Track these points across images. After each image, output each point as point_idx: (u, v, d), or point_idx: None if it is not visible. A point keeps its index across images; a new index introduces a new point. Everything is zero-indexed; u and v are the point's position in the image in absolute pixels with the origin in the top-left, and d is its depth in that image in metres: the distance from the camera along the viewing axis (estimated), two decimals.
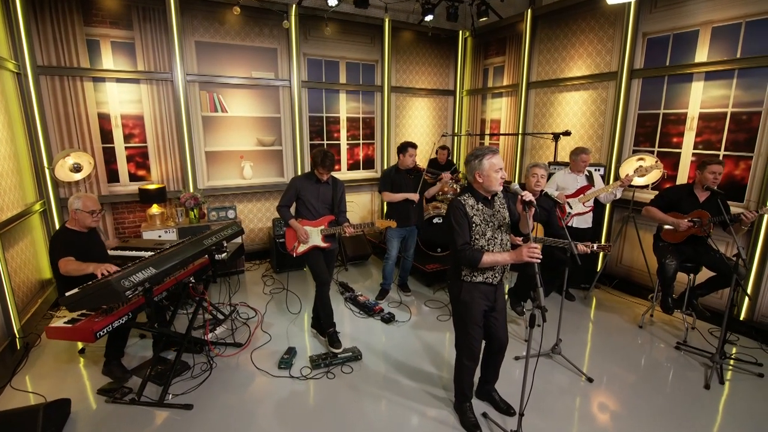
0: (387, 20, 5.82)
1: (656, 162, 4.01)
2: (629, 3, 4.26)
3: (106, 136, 4.68)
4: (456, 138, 6.87)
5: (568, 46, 5.07)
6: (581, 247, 3.16)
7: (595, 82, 4.81)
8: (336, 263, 5.44)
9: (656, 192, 4.07)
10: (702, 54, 3.89)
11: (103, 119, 4.63)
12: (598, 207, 4.47)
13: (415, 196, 4.04)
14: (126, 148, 4.81)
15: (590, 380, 3.05)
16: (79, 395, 2.85)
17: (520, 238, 3.19)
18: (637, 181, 4.11)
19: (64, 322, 2.47)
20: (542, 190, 3.37)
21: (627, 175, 3.90)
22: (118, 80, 4.61)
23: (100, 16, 4.43)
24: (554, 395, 2.91)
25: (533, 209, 2.20)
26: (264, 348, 3.48)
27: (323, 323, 3.50)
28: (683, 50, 4.03)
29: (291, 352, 3.33)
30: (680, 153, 4.15)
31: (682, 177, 4.15)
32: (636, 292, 4.52)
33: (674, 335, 3.71)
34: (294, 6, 5.18)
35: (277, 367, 3.19)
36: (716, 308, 3.86)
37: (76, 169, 4.19)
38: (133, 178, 4.91)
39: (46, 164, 4.26)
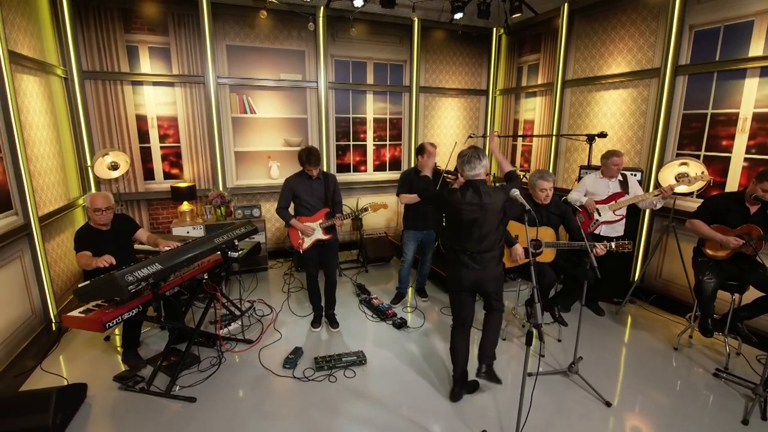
0: (416, 20, 5.73)
1: (702, 173, 3.56)
2: None
3: (143, 136, 4.97)
4: (486, 139, 6.63)
5: (607, 42, 4.73)
6: (599, 248, 2.96)
7: (636, 80, 4.45)
8: (356, 265, 5.46)
9: (701, 200, 3.68)
10: (757, 47, 3.47)
11: (141, 120, 4.92)
12: (634, 214, 4.12)
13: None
14: (161, 147, 5.08)
15: (608, 404, 2.80)
16: (98, 380, 3.03)
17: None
18: (680, 188, 3.75)
19: (79, 312, 2.61)
20: (563, 198, 3.15)
21: (669, 185, 3.51)
22: (155, 83, 4.88)
23: (139, 23, 4.71)
24: (564, 417, 2.71)
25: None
26: (273, 346, 3.53)
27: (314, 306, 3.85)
28: (735, 43, 3.62)
29: (297, 352, 3.35)
30: (730, 157, 3.74)
31: (732, 184, 3.73)
32: (675, 309, 4.13)
33: (714, 360, 3.34)
34: (322, 8, 5.23)
35: (281, 367, 3.22)
36: (766, 332, 3.44)
37: (114, 167, 4.47)
38: (167, 176, 5.18)
39: (89, 162, 4.59)
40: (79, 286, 2.51)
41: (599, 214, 3.83)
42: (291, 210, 3.60)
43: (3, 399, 2.59)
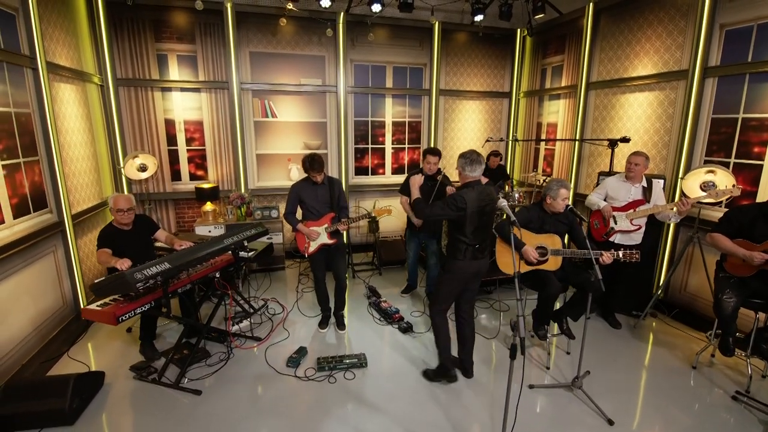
0: (437, 24, 5.71)
1: (733, 186, 3.28)
2: None
3: (171, 139, 5.25)
4: (509, 142, 6.50)
5: (633, 42, 4.52)
6: (606, 256, 2.87)
7: (663, 82, 4.23)
8: (371, 267, 5.51)
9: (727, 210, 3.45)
10: None
11: (169, 124, 5.20)
12: (658, 223, 3.92)
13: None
14: (187, 150, 5.35)
15: (610, 423, 2.70)
16: (117, 369, 3.25)
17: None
18: (707, 198, 3.54)
19: (97, 306, 2.81)
20: (568, 205, 3.06)
21: (687, 199, 3.31)
22: (182, 89, 5.14)
23: (169, 33, 4.98)
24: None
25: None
26: (280, 344, 3.64)
27: (322, 308, 3.94)
28: None
29: (301, 351, 3.44)
30: (762, 166, 3.48)
31: (764, 194, 3.47)
32: (699, 325, 3.89)
33: (736, 382, 3.13)
34: (341, 14, 5.32)
35: (285, 365, 3.31)
36: None
37: (142, 168, 4.76)
38: (193, 177, 5.45)
39: (121, 164, 4.90)
40: (95, 281, 2.70)
41: (615, 222, 3.68)
42: (299, 215, 3.70)
43: (28, 382, 2.83)
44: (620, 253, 2.91)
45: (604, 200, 3.80)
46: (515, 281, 2.10)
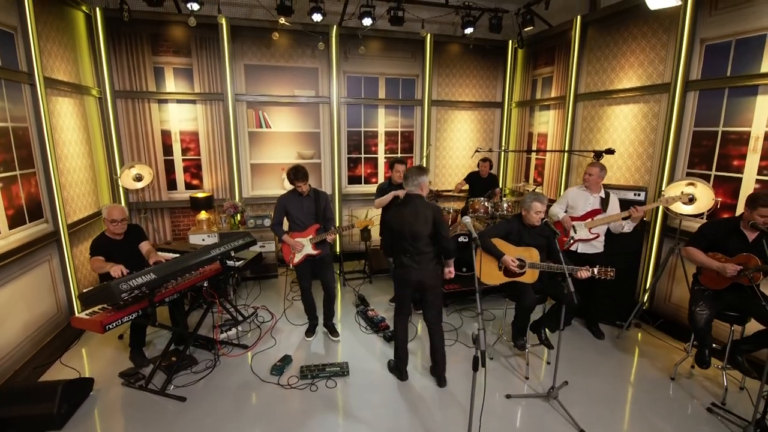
0: (428, 36, 5.81)
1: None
2: (684, 5, 3.73)
3: (167, 149, 5.38)
4: (500, 152, 6.56)
5: (619, 55, 4.59)
6: (582, 273, 2.93)
7: (647, 95, 4.29)
8: (362, 275, 5.59)
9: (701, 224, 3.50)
10: None
11: (165, 135, 5.33)
12: (643, 232, 3.99)
13: (400, 192, 3.85)
14: (183, 160, 5.48)
15: None
16: (107, 375, 3.35)
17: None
18: (684, 209, 3.59)
19: (86, 314, 2.91)
20: (543, 219, 3.12)
21: (638, 208, 3.44)
22: (178, 101, 5.28)
23: (166, 46, 5.12)
24: None
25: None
26: (266, 353, 3.72)
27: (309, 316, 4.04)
28: (747, 58, 3.42)
29: (285, 359, 3.51)
30: (741, 178, 3.52)
31: (743, 207, 3.49)
32: (682, 335, 3.91)
33: (713, 394, 3.16)
34: (334, 27, 5.44)
35: (269, 373, 3.39)
36: None
37: (138, 178, 4.88)
38: (188, 186, 5.57)
39: (118, 174, 5.03)
40: (83, 291, 2.81)
41: (575, 231, 3.76)
42: (286, 226, 3.79)
43: (19, 387, 2.93)
44: (595, 270, 2.96)
45: (565, 211, 3.90)
46: (476, 296, 2.16)
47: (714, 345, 3.18)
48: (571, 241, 3.80)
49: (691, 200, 3.51)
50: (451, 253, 3.10)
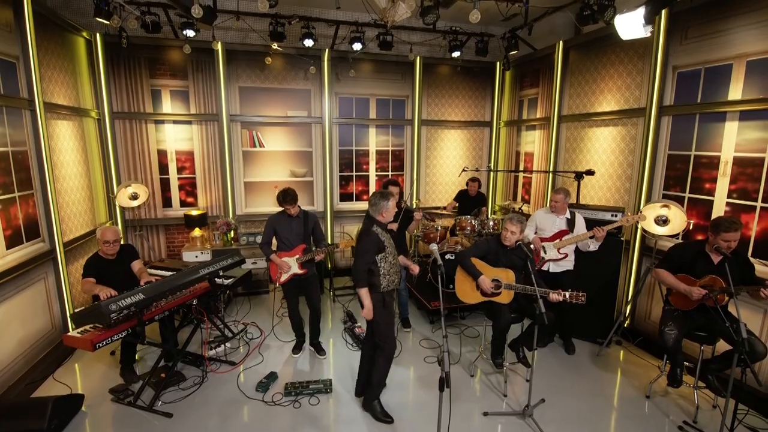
0: (418, 58, 6.00)
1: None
2: (657, 33, 3.90)
3: (163, 168, 5.54)
4: (490, 170, 6.71)
5: (599, 80, 4.75)
6: (553, 296, 3.03)
7: (625, 118, 4.44)
8: (352, 292, 5.68)
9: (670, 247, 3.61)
10: (736, 91, 3.41)
11: (161, 155, 5.50)
12: (623, 252, 4.10)
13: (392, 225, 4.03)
14: (178, 178, 5.64)
15: None
16: (97, 392, 3.44)
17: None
18: (658, 230, 3.71)
19: (78, 332, 3.03)
20: (518, 241, 3.25)
21: (600, 228, 3.60)
22: (175, 122, 5.46)
23: (163, 69, 5.32)
24: None
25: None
26: (253, 369, 3.81)
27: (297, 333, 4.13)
28: (716, 86, 3.57)
29: (271, 376, 3.61)
30: (713, 201, 3.64)
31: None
32: (660, 353, 3.98)
33: (686, 412, 3.24)
34: (326, 51, 5.63)
35: (255, 390, 3.48)
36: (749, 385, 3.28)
37: (134, 197, 5.04)
38: (183, 204, 5.72)
39: (114, 193, 5.19)
40: (75, 311, 2.93)
41: (545, 252, 3.88)
42: (274, 246, 3.92)
43: (11, 403, 3.03)
44: (567, 294, 3.07)
45: (535, 233, 4.04)
46: (441, 320, 2.27)
47: (687, 363, 3.27)
48: (542, 262, 3.92)
49: (665, 221, 3.65)
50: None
